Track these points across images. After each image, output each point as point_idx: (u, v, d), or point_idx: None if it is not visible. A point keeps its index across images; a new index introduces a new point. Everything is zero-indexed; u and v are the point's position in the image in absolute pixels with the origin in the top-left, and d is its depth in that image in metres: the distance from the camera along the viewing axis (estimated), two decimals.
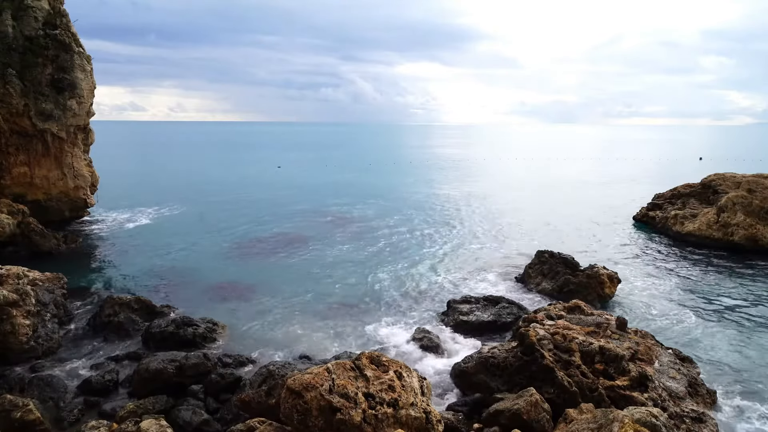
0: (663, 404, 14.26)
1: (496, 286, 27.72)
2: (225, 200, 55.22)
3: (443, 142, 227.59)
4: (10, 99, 33.99)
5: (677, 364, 16.64)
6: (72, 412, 15.48)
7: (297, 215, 46.90)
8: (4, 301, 18.70)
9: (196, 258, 32.71)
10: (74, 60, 36.76)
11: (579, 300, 20.51)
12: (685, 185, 43.81)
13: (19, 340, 18.48)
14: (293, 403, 11.68)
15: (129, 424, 13.12)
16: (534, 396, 14.11)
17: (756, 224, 34.28)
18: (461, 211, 49.57)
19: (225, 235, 39.06)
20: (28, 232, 32.58)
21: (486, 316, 22.02)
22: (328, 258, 32.77)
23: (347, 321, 22.90)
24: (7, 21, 34.43)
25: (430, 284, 28.08)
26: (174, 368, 16.76)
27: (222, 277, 28.54)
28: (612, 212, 48.76)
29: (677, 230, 38.23)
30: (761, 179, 36.84)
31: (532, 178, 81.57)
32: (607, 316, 18.62)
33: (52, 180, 37.57)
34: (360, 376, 12.38)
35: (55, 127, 36.27)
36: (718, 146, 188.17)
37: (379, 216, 46.78)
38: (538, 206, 52.62)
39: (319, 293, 26.32)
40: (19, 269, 21.35)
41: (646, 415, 11.57)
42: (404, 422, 11.69)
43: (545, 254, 28.06)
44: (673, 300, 25.60)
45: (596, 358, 15.57)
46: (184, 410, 14.99)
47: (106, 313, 21.77)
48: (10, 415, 13.81)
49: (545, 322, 17.72)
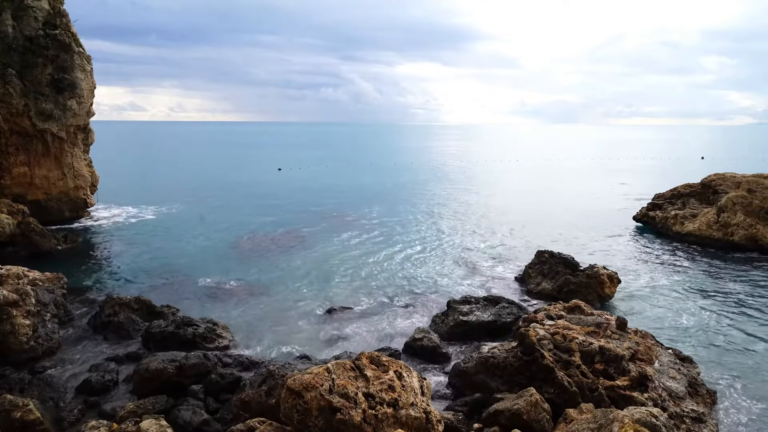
0: (663, 404, 14.26)
1: (496, 286, 27.73)
2: (225, 200, 55.24)
3: (443, 142, 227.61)
4: (10, 99, 34.00)
5: (677, 364, 16.63)
6: (72, 412, 15.48)
7: (297, 215, 46.89)
8: (4, 301, 18.70)
9: (196, 258, 32.71)
10: (74, 60, 36.78)
11: (579, 300, 20.50)
12: (685, 185, 43.80)
13: (19, 340, 18.47)
14: (293, 403, 11.67)
15: (129, 424, 13.12)
16: (534, 396, 14.11)
17: (756, 224, 34.28)
18: (461, 211, 49.59)
19: (225, 235, 39.06)
20: (28, 232, 32.58)
21: (486, 316, 22.01)
22: (328, 258, 32.77)
23: (347, 321, 22.90)
24: (7, 21, 34.44)
25: (430, 284, 28.08)
26: (174, 368, 16.75)
27: (222, 277, 28.54)
28: (612, 212, 48.77)
29: (677, 230, 38.22)
30: (761, 179, 36.82)
31: (532, 178, 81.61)
32: (607, 316, 18.62)
33: (52, 180, 37.58)
34: (360, 376, 12.37)
35: (55, 127, 36.28)
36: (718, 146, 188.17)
37: (378, 216, 46.78)
38: (538, 206, 52.62)
39: (319, 293, 26.33)
40: (19, 269, 21.35)
41: (646, 415, 11.56)
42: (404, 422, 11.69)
43: (545, 254, 28.06)
44: (673, 300, 25.59)
45: (596, 358, 15.57)
46: (184, 410, 14.98)
47: (106, 313, 21.76)
48: (10, 415, 13.80)
49: (545, 322, 17.72)
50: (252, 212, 48.30)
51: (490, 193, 62.04)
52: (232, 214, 47.12)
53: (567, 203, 54.60)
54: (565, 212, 48.88)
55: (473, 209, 50.77)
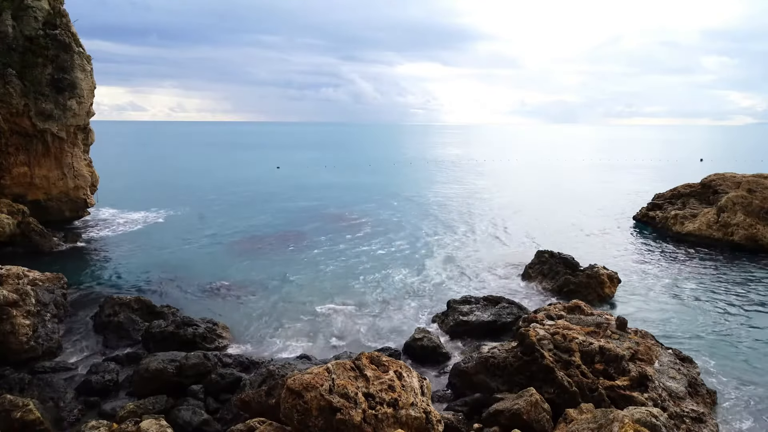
0: (663, 404, 14.26)
1: (496, 287, 27.72)
2: (225, 200, 55.22)
3: (443, 142, 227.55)
4: (10, 99, 33.96)
5: (677, 364, 16.64)
6: (72, 412, 15.48)
7: (297, 215, 46.89)
8: (4, 301, 18.69)
9: (197, 258, 32.71)
10: (74, 60, 36.74)
11: (579, 300, 20.50)
12: (685, 185, 43.81)
13: (19, 340, 18.47)
14: (293, 403, 11.67)
15: (129, 424, 13.12)
16: (534, 396, 14.11)
17: (756, 224, 34.27)
18: (461, 211, 49.57)
19: (225, 234, 39.07)
20: (28, 232, 32.57)
21: (486, 316, 22.01)
22: (327, 258, 32.77)
23: (347, 321, 22.90)
24: (7, 21, 34.42)
25: (430, 284, 28.08)
26: (174, 368, 16.75)
27: (222, 277, 28.53)
28: (612, 212, 48.75)
29: (677, 230, 38.22)
30: (761, 179, 36.82)
31: (532, 178, 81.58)
32: (607, 316, 18.62)
33: (52, 180, 37.54)
34: (360, 376, 12.37)
35: (55, 127, 36.25)
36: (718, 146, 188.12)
37: (378, 216, 46.78)
38: (538, 206, 52.60)
39: (320, 293, 26.32)
40: (19, 269, 21.35)
41: (646, 415, 11.56)
42: (404, 422, 11.69)
43: (545, 254, 28.06)
44: (673, 300, 25.59)
45: (596, 358, 15.57)
46: (184, 410, 14.98)
47: (106, 313, 21.76)
48: (10, 415, 13.80)
49: (545, 322, 17.72)
50: (252, 212, 48.29)
51: (490, 193, 62.02)
52: (232, 214, 47.11)
53: (567, 203, 54.56)
54: (565, 212, 48.84)
55: (473, 209, 50.74)
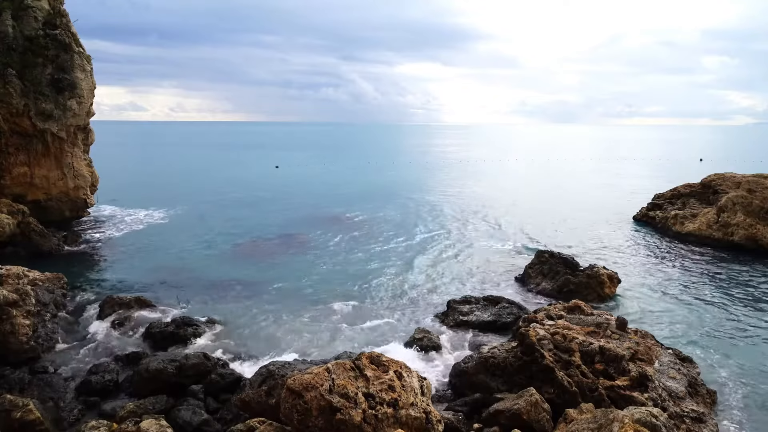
0: (663, 404, 14.26)
1: (496, 286, 27.72)
2: (225, 200, 55.21)
3: (444, 142, 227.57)
4: (10, 99, 33.96)
5: (677, 364, 16.64)
6: (72, 412, 15.49)
7: (296, 215, 46.88)
8: (4, 301, 18.70)
9: (196, 258, 32.71)
10: (74, 60, 36.74)
11: (579, 300, 20.50)
12: (685, 185, 43.81)
13: (19, 340, 18.47)
14: (293, 403, 11.68)
15: (129, 424, 13.13)
16: (534, 396, 14.11)
17: (756, 224, 34.27)
18: (461, 211, 49.55)
19: (225, 234, 39.05)
20: (28, 232, 32.57)
21: (486, 316, 22.02)
22: (327, 258, 32.77)
23: (347, 321, 22.89)
24: (7, 21, 34.42)
25: (430, 284, 28.07)
26: (174, 368, 16.76)
27: (222, 277, 28.52)
28: (612, 212, 48.73)
29: (677, 230, 38.23)
30: (761, 179, 36.81)
31: (533, 178, 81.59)
32: (607, 316, 18.62)
33: (52, 180, 37.54)
34: (360, 376, 12.38)
35: (55, 127, 36.25)
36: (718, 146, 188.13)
37: (378, 216, 46.77)
38: (538, 206, 52.60)
39: (319, 293, 26.31)
40: (19, 269, 21.36)
41: (646, 415, 11.56)
42: (404, 422, 11.69)
43: (545, 254, 28.06)
44: (673, 300, 25.58)
45: (596, 358, 15.57)
46: (184, 410, 14.98)
47: (106, 313, 21.77)
48: (10, 415, 13.81)
49: (545, 322, 17.72)
50: (251, 212, 48.26)
51: (489, 193, 62.00)
52: (232, 214, 47.09)
53: (567, 203, 54.56)
54: (565, 212, 48.83)
55: (473, 209, 50.72)
